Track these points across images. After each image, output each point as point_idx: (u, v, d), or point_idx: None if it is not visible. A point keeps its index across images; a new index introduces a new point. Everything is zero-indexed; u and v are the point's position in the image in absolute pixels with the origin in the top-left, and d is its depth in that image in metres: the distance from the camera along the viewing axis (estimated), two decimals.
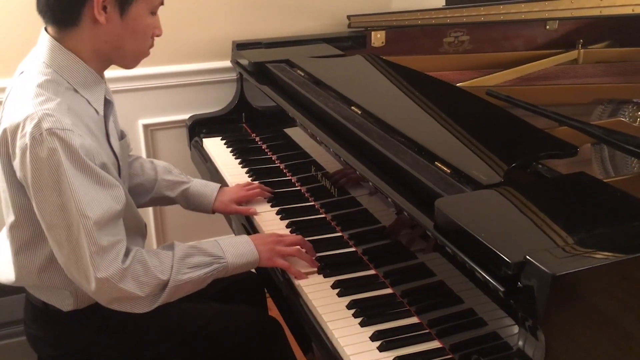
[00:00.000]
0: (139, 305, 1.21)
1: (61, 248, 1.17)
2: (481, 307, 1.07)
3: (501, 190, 1.05)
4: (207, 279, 1.27)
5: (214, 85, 2.24)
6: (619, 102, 1.79)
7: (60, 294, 1.29)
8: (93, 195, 1.14)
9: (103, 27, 1.20)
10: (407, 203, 1.15)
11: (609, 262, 0.85)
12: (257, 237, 1.37)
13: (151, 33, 1.28)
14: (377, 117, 1.42)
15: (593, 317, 0.87)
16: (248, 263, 1.31)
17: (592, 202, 1.03)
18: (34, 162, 1.12)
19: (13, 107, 1.18)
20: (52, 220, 1.15)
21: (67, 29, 1.21)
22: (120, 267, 1.15)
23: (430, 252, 1.19)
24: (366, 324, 1.17)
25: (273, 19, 2.25)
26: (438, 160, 1.19)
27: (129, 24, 1.22)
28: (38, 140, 1.11)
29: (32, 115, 1.12)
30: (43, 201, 1.14)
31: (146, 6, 1.23)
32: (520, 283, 0.86)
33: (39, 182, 1.13)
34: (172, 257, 1.23)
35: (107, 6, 1.18)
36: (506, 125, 1.38)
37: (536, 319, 0.84)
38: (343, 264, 1.36)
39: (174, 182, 1.60)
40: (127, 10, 1.21)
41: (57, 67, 1.21)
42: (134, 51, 1.28)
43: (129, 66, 1.31)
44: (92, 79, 1.25)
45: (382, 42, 2.26)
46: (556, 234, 0.92)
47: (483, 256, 0.92)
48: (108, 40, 1.23)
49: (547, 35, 2.36)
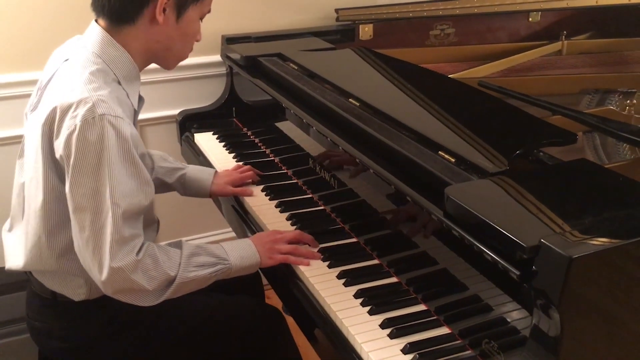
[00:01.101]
0: (144, 299, 1.22)
1: (82, 231, 1.17)
2: (486, 293, 1.09)
3: (507, 177, 1.07)
4: (211, 279, 1.30)
5: (203, 80, 2.23)
6: (604, 92, 1.83)
7: (74, 281, 1.29)
8: (129, 186, 1.17)
9: (158, 28, 1.25)
10: (414, 193, 1.16)
11: (620, 245, 0.87)
12: (256, 238, 1.40)
13: (195, 38, 1.34)
14: (376, 109, 1.43)
15: (604, 298, 0.89)
16: (250, 266, 1.34)
17: (597, 187, 1.06)
18: (80, 143, 1.13)
19: (62, 90, 1.19)
20: (81, 202, 1.15)
21: (122, 25, 1.25)
22: (134, 259, 1.17)
23: (433, 240, 1.21)
24: (375, 312, 1.18)
25: (261, 12, 2.25)
26: (442, 150, 1.21)
27: (182, 27, 1.28)
28: (90, 123, 1.13)
29: (86, 99, 1.15)
30: (78, 183, 1.15)
31: (198, 12, 1.30)
32: (535, 266, 0.88)
33: (81, 164, 1.14)
34: (180, 254, 1.25)
35: (167, 9, 1.23)
36: (505, 115, 1.41)
37: (552, 301, 0.86)
38: (347, 254, 1.38)
39: (171, 169, 1.65)
40: (183, 14, 1.26)
41: (107, 58, 1.25)
42: (179, 53, 1.34)
43: (169, 67, 1.37)
44: (135, 74, 1.30)
45: (370, 36, 2.27)
46: (564, 219, 0.94)
47: (496, 242, 0.94)
48: (160, 41, 1.28)
49: (530, 27, 2.40)
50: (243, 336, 1.46)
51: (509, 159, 1.14)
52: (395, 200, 1.31)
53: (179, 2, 1.24)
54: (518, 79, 1.98)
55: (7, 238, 1.38)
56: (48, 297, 1.32)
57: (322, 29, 2.23)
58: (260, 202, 1.62)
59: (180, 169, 1.66)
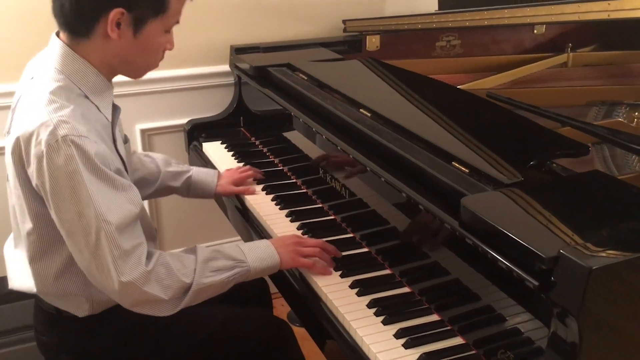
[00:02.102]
0: (161, 309, 1.20)
1: (81, 254, 1.16)
2: (499, 304, 1.10)
3: (522, 188, 1.08)
4: (230, 283, 1.28)
5: (212, 89, 2.24)
6: (611, 104, 1.85)
7: (75, 300, 1.29)
8: (111, 200, 1.14)
9: (114, 42, 1.19)
10: (429, 204, 1.17)
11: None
12: (277, 240, 1.38)
13: (162, 49, 1.28)
14: (387, 119, 1.44)
15: (624, 309, 0.90)
16: (269, 267, 1.32)
17: (611, 198, 1.07)
18: (50, 169, 1.11)
19: (25, 114, 1.17)
20: (70, 227, 1.14)
21: (79, 39, 1.20)
22: (144, 270, 1.15)
23: (444, 251, 1.21)
24: (389, 322, 1.19)
25: (270, 23, 2.26)
26: (455, 161, 1.21)
27: (140, 42, 1.21)
28: (54, 147, 1.10)
29: (46, 123, 1.11)
30: (61, 208, 1.13)
31: (162, 26, 1.23)
32: (554, 277, 0.89)
33: (57, 190, 1.12)
34: (194, 260, 1.23)
35: (121, 23, 1.17)
36: (516, 126, 1.42)
37: (571, 312, 0.87)
38: (358, 264, 1.38)
39: (177, 173, 1.67)
40: (141, 28, 1.20)
41: (69, 73, 1.21)
42: (143, 65, 1.28)
43: (135, 77, 1.33)
44: (102, 85, 1.25)
45: (377, 46, 2.29)
46: (581, 230, 0.95)
47: (514, 252, 0.94)
48: (118, 55, 1.23)
49: (535, 39, 2.42)
50: (251, 349, 1.45)
51: (523, 170, 1.14)
52: (406, 210, 1.32)
53: (136, 17, 1.18)
54: (525, 91, 1.99)
55: (11, 255, 1.37)
56: (53, 313, 1.32)
57: (330, 40, 2.25)
58: (270, 211, 1.63)
59: (186, 171, 1.68)
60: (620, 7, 2.15)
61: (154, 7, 1.19)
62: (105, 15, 1.16)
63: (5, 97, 1.94)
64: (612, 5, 2.01)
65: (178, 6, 1.24)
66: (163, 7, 1.20)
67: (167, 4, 1.21)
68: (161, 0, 1.20)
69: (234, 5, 2.19)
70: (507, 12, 2.16)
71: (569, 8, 2.19)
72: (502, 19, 2.20)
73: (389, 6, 2.43)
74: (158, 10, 1.20)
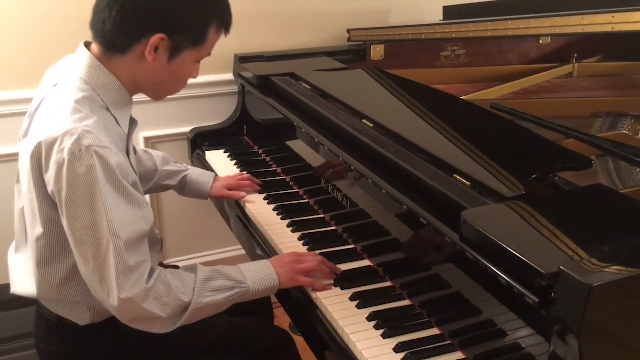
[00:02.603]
0: (159, 326, 1.20)
1: (87, 264, 1.16)
2: (500, 318, 1.08)
3: (523, 202, 1.07)
4: (227, 303, 1.27)
5: (216, 97, 2.24)
6: (615, 115, 1.83)
7: (77, 308, 1.28)
8: (125, 214, 1.15)
9: (147, 64, 1.22)
10: (430, 216, 1.16)
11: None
12: (276, 259, 1.37)
13: (188, 77, 1.31)
14: (389, 130, 1.43)
15: (624, 326, 0.89)
16: (268, 288, 1.31)
17: (614, 213, 1.06)
18: (70, 177, 1.12)
19: (48, 120, 1.17)
20: (81, 236, 1.14)
21: (113, 54, 1.22)
22: (144, 287, 1.15)
23: (446, 263, 1.20)
24: (388, 335, 1.18)
25: (274, 32, 2.27)
26: (457, 173, 1.21)
27: (173, 67, 1.24)
28: (77, 156, 1.11)
29: (71, 131, 1.12)
30: (74, 217, 1.14)
31: (195, 56, 1.26)
32: (554, 293, 0.88)
33: (73, 198, 1.13)
34: (194, 279, 1.23)
35: (159, 47, 1.20)
36: (519, 138, 1.41)
37: (571, 328, 0.86)
38: (359, 276, 1.37)
39: (174, 172, 1.70)
40: (176, 55, 1.23)
41: (95, 84, 1.22)
42: (167, 89, 1.31)
43: (156, 99, 1.35)
44: (124, 100, 1.27)
45: (381, 56, 2.29)
46: (582, 245, 0.94)
47: (514, 267, 0.93)
48: (147, 76, 1.25)
49: (540, 50, 2.41)
50: (252, 358, 1.45)
51: (525, 184, 1.13)
52: (407, 222, 1.31)
53: (174, 44, 1.21)
54: (529, 101, 1.98)
55: (13, 260, 1.37)
56: (54, 320, 1.31)
57: (334, 49, 2.25)
58: (271, 221, 1.62)
59: (183, 170, 1.71)
60: (624, 19, 2.14)
61: (194, 38, 1.23)
62: (147, 37, 1.18)
63: (20, 103, 1.96)
64: (615, 18, 1.99)
65: (214, 40, 1.28)
66: (202, 39, 1.24)
67: (206, 37, 1.25)
68: (202, 32, 1.23)
69: (238, 14, 2.15)
70: (510, 23, 2.15)
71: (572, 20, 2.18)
72: (506, 30, 2.19)
73: (393, 16, 2.43)
74: (196, 42, 1.23)
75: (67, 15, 1.99)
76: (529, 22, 2.17)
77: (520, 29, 2.25)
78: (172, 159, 1.72)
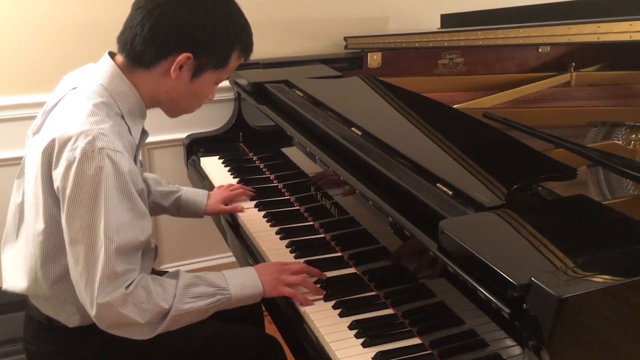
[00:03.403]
0: (138, 332, 1.20)
1: (77, 264, 1.17)
2: (482, 328, 1.08)
3: (503, 212, 1.07)
4: (209, 310, 1.27)
5: (212, 104, 2.25)
6: (611, 125, 1.82)
7: (67, 308, 1.29)
8: (124, 220, 1.16)
9: (170, 81, 1.25)
10: (409, 224, 1.16)
11: (612, 285, 0.86)
12: (261, 267, 1.37)
13: (205, 98, 1.35)
14: (377, 139, 1.43)
15: (595, 339, 0.88)
16: (252, 296, 1.31)
17: (593, 224, 1.05)
18: (78, 176, 1.13)
19: (64, 119, 1.20)
20: (76, 235, 1.15)
21: (138, 67, 1.25)
22: (123, 292, 1.15)
23: (430, 273, 1.20)
24: (368, 345, 1.17)
25: (271, 40, 2.28)
26: (440, 182, 1.20)
27: (193, 87, 1.28)
28: (89, 156, 1.13)
29: (87, 132, 1.15)
30: (74, 215, 1.15)
31: (215, 78, 1.31)
32: (526, 305, 0.87)
33: (77, 196, 1.14)
34: (175, 285, 1.23)
35: (183, 66, 1.24)
36: (506, 148, 1.40)
37: (541, 340, 0.85)
38: (344, 284, 1.37)
39: (167, 192, 1.68)
40: (199, 75, 1.27)
41: (114, 92, 1.25)
42: (185, 108, 1.35)
43: (172, 116, 1.39)
44: (140, 111, 1.30)
45: (379, 64, 2.29)
46: (558, 257, 0.93)
47: (488, 278, 0.93)
48: (168, 92, 1.29)
49: (540, 58, 2.40)
50: None
51: (506, 194, 1.13)
52: (395, 231, 1.31)
53: (198, 64, 1.25)
54: (524, 110, 1.97)
55: (3, 257, 1.38)
56: (44, 322, 1.32)
57: (331, 57, 2.25)
58: (260, 228, 1.62)
59: (175, 192, 1.69)
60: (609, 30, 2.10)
61: (218, 61, 1.27)
62: (174, 56, 1.22)
63: (34, 107, 1.98)
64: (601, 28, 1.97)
65: (234, 65, 1.33)
66: (225, 62, 1.29)
67: (228, 61, 1.29)
68: (225, 57, 1.28)
69: None
70: (510, 32, 2.13)
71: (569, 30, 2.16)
72: (504, 38, 2.18)
73: (392, 24, 2.43)
74: (219, 65, 1.28)
75: (73, 22, 2.03)
76: (526, 30, 2.16)
77: (517, 38, 2.24)
78: (164, 181, 1.71)
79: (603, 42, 2.06)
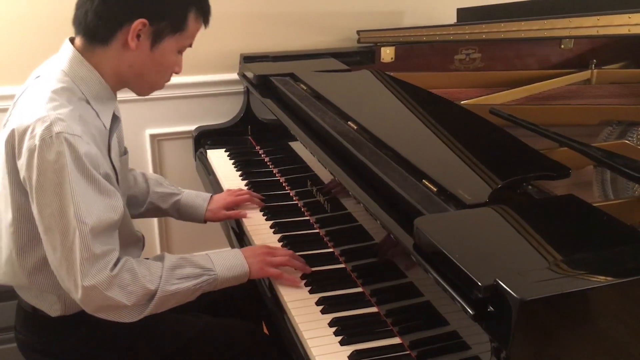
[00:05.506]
0: (125, 315, 1.20)
1: (54, 252, 1.17)
2: (465, 330, 1.04)
3: (484, 210, 1.03)
4: (196, 291, 1.26)
5: (221, 97, 2.25)
6: (628, 124, 1.74)
7: (48, 298, 1.30)
8: (92, 202, 1.16)
9: (131, 53, 1.25)
10: (389, 220, 1.13)
11: (580, 290, 0.81)
12: (248, 250, 1.37)
13: (172, 70, 1.33)
14: (371, 133, 1.40)
15: (559, 344, 0.83)
16: (238, 276, 1.30)
17: (576, 225, 1.00)
18: (40, 163, 1.14)
19: (25, 109, 1.20)
20: (49, 223, 1.16)
21: (96, 45, 1.25)
22: (108, 275, 1.15)
23: (417, 272, 1.16)
24: (345, 343, 1.15)
25: (282, 33, 2.26)
26: (425, 178, 1.17)
27: (155, 56, 1.27)
28: (47, 142, 1.13)
29: (44, 118, 1.15)
30: (43, 203, 1.15)
31: (176, 45, 1.29)
32: (491, 307, 0.84)
33: (42, 184, 1.14)
34: (161, 267, 1.23)
35: (141, 35, 1.23)
36: (501, 145, 1.35)
37: (504, 343, 0.81)
38: (331, 280, 1.34)
39: (166, 194, 1.64)
40: (158, 43, 1.26)
41: (75, 77, 1.25)
42: (151, 82, 1.33)
43: (141, 94, 1.37)
44: (106, 94, 1.29)
45: (392, 58, 2.25)
46: (533, 258, 0.89)
47: (457, 278, 0.89)
48: (132, 66, 1.27)
49: (562, 55, 2.32)
50: (229, 359, 1.43)
51: (490, 191, 1.08)
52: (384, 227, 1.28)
53: (155, 31, 1.24)
54: (537, 108, 1.91)
55: None
56: (29, 312, 1.33)
57: (342, 50, 2.23)
58: (255, 222, 1.61)
59: (175, 194, 1.65)
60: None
61: (174, 24, 1.26)
62: (129, 24, 1.22)
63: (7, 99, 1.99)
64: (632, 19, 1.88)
65: (194, 29, 1.31)
66: (182, 25, 1.27)
67: (186, 24, 1.28)
68: (181, 18, 1.27)
69: (246, 14, 2.20)
70: (524, 24, 2.06)
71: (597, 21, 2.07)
72: (519, 31, 2.11)
73: (406, 18, 2.39)
74: (177, 28, 1.27)
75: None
76: (551, 22, 2.07)
77: (542, 31, 2.15)
78: (166, 182, 1.68)
79: (635, 35, 1.98)
